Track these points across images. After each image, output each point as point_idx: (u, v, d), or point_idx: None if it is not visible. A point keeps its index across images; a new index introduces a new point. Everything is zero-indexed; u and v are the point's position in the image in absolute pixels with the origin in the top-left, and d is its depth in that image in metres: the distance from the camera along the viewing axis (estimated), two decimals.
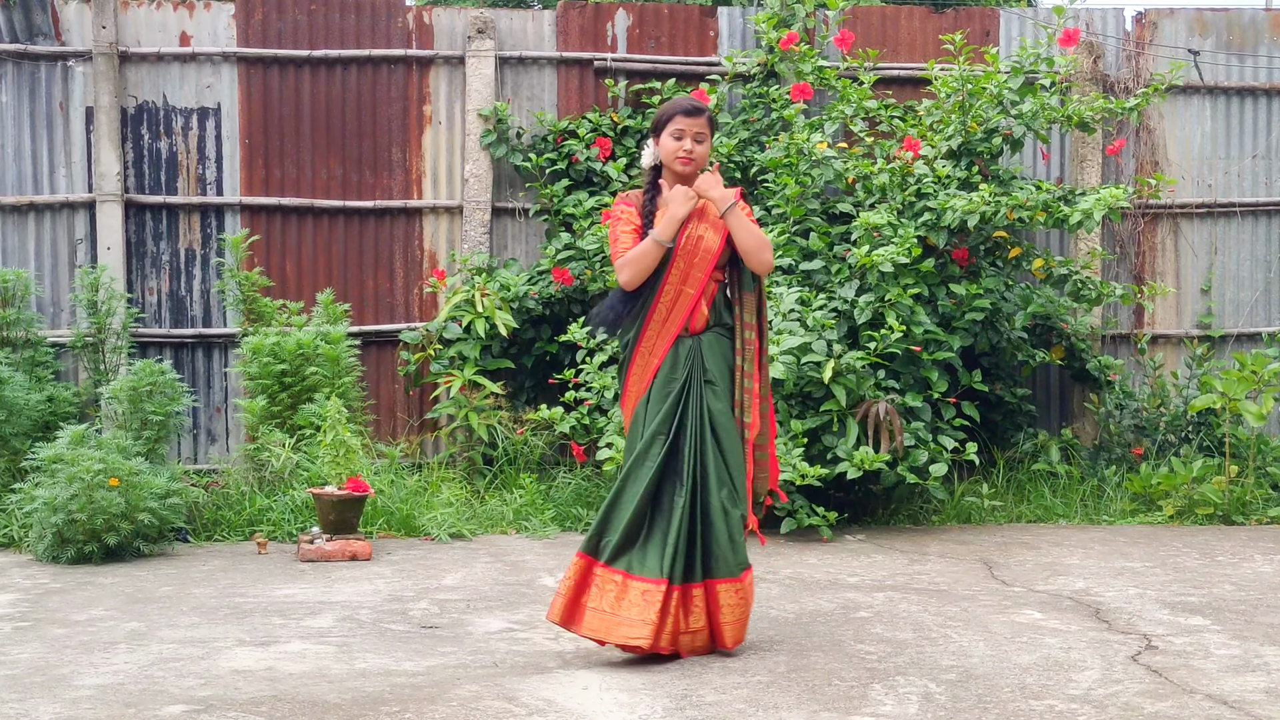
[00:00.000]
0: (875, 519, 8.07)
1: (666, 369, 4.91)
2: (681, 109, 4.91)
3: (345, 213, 8.93)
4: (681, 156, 4.90)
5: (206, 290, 8.82)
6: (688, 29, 9.23)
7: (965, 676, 4.70)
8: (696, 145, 4.91)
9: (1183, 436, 8.90)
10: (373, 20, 8.96)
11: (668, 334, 4.92)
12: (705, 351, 4.93)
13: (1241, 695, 4.48)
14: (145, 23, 8.76)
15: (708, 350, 4.93)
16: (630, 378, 4.99)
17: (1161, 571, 6.65)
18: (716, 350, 4.95)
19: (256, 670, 4.78)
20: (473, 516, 7.81)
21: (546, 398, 8.70)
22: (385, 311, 8.98)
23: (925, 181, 8.05)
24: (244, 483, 7.89)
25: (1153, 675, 4.73)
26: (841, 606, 5.81)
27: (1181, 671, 4.77)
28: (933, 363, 7.87)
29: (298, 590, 6.16)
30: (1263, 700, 4.42)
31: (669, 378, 4.90)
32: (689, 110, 4.90)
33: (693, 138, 4.90)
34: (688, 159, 4.90)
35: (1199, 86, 9.48)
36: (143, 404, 7.61)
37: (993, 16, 9.42)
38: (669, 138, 4.92)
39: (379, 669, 4.80)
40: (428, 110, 9.00)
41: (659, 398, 4.89)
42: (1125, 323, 9.45)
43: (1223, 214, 9.54)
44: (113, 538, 6.75)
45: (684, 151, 4.89)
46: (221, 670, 4.78)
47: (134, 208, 8.73)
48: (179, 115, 8.79)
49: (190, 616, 5.61)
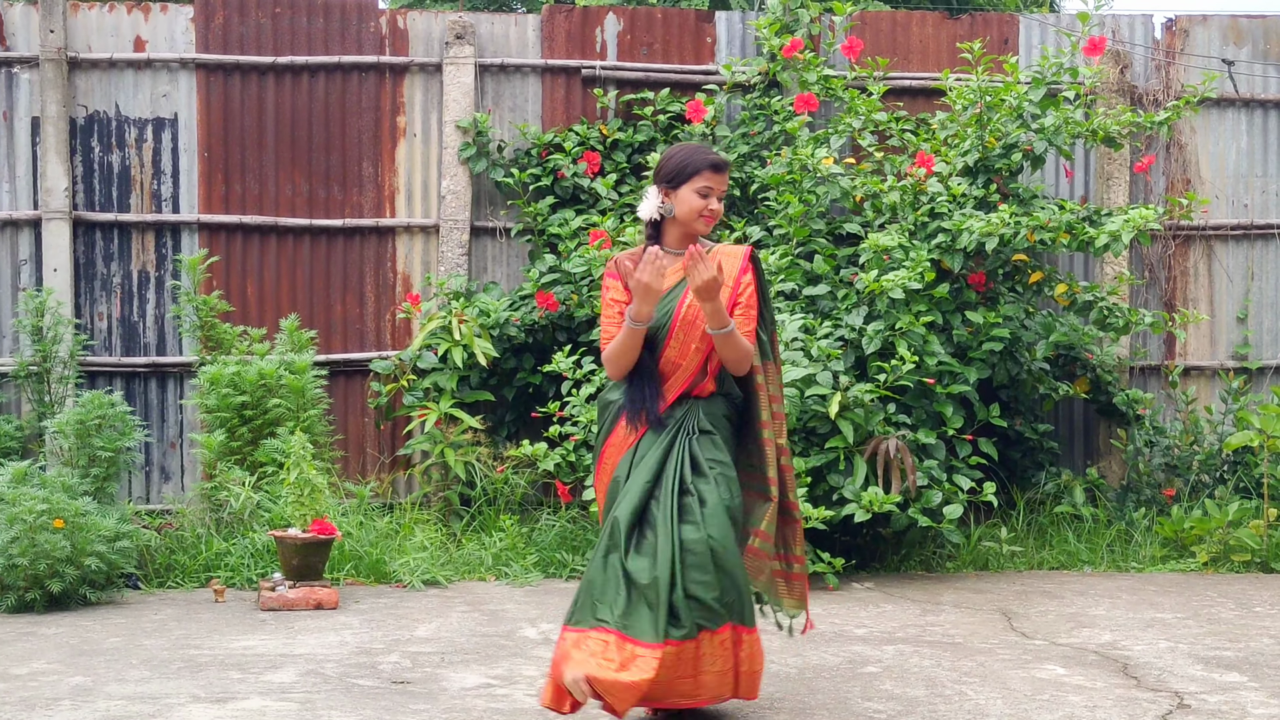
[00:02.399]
0: (885, 565, 8.07)
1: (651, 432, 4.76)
2: (711, 163, 4.76)
3: (312, 232, 8.95)
4: (706, 216, 4.76)
5: (161, 315, 8.83)
6: (683, 35, 9.28)
7: None
8: (720, 204, 4.81)
9: (1217, 477, 8.92)
10: (343, 25, 9.00)
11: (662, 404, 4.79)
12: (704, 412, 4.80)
13: None
14: (96, 27, 8.80)
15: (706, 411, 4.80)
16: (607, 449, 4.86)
17: (1194, 623, 6.65)
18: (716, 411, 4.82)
19: None
20: (448, 561, 7.80)
21: (529, 433, 8.70)
22: (355, 339, 8.99)
23: (939, 200, 8.08)
24: (200, 524, 7.88)
25: None
26: (848, 661, 5.81)
27: None
28: (947, 396, 7.88)
29: (258, 642, 6.14)
30: None
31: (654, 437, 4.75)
32: (717, 166, 4.77)
33: (718, 197, 4.78)
34: (711, 218, 4.78)
35: (1234, 99, 9.54)
36: (91, 438, 7.60)
37: (1012, 23, 9.48)
38: (694, 194, 4.75)
39: None
40: (402, 122, 9.03)
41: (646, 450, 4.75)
42: (1155, 353, 9.47)
43: (1260, 236, 9.58)
44: (57, 584, 6.73)
45: (710, 211, 4.76)
46: None
47: (83, 226, 8.75)
48: (132, 126, 8.81)
49: (140, 670, 5.59)
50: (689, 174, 4.77)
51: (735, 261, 4.86)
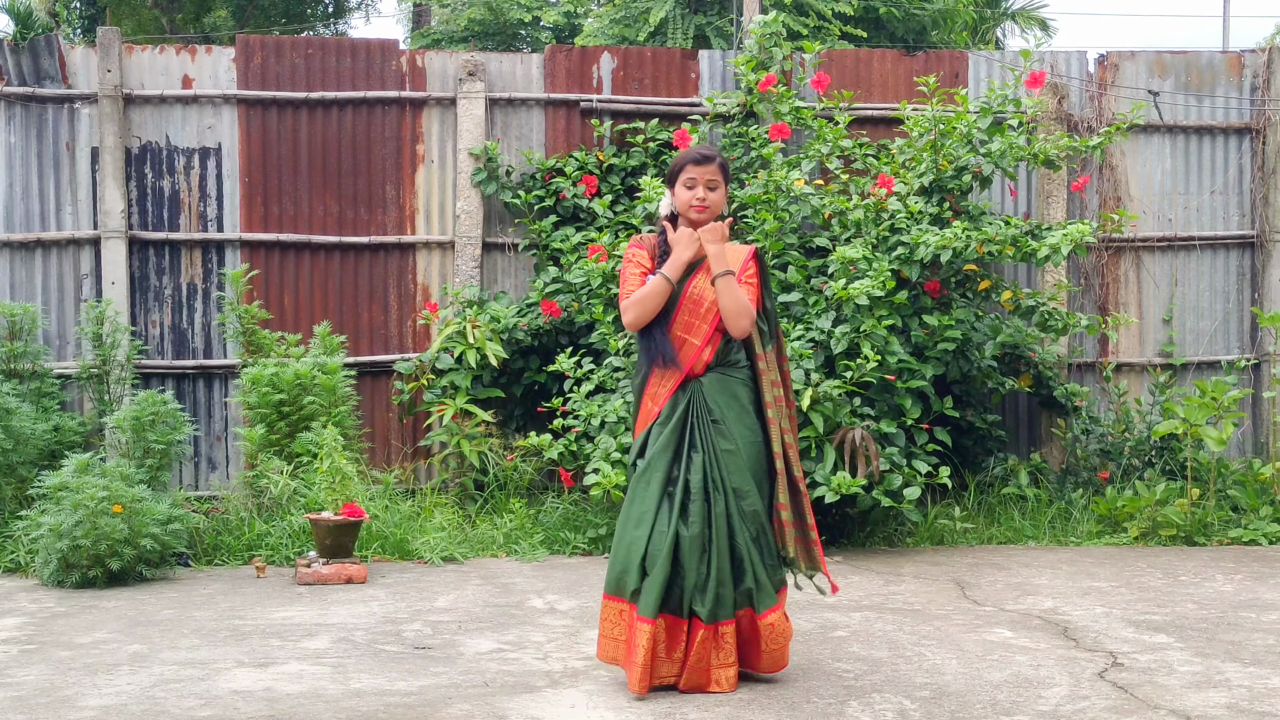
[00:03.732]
0: (852, 541, 8.07)
1: (667, 411, 4.79)
2: (691, 158, 4.81)
3: (341, 248, 8.94)
4: (696, 205, 4.79)
5: (207, 323, 8.81)
6: (670, 71, 9.27)
7: (939, 694, 4.70)
8: (710, 193, 4.79)
9: (1146, 461, 8.93)
10: (368, 64, 8.99)
11: (670, 380, 4.80)
12: (707, 390, 4.78)
13: (1204, 711, 4.49)
14: (149, 66, 8.78)
15: (710, 390, 4.78)
16: (636, 421, 4.90)
17: (1127, 591, 6.66)
18: (720, 389, 4.80)
19: (255, 691, 4.76)
20: (464, 540, 7.80)
21: (535, 425, 8.69)
22: (380, 343, 8.98)
23: (899, 217, 8.09)
24: (243, 509, 7.87)
25: (1119, 691, 4.73)
26: (819, 626, 5.81)
27: (1146, 688, 4.78)
28: (906, 390, 7.89)
29: (295, 613, 6.14)
30: (1224, 715, 4.43)
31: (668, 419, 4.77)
32: (698, 159, 4.80)
33: (705, 185, 4.79)
34: (702, 207, 4.79)
35: (1159, 125, 9.54)
36: (145, 433, 7.59)
37: (962, 59, 9.49)
38: (682, 188, 4.81)
39: (373, 689, 4.79)
40: (421, 149, 9.02)
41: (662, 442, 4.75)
42: (1090, 351, 9.48)
43: (1183, 247, 9.59)
44: (116, 563, 6.72)
45: (697, 200, 4.78)
46: (221, 691, 4.76)
47: (137, 244, 8.73)
48: (181, 155, 8.80)
49: (191, 639, 5.59)
50: (676, 171, 4.86)
51: (740, 252, 4.91)
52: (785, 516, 4.82)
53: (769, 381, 4.87)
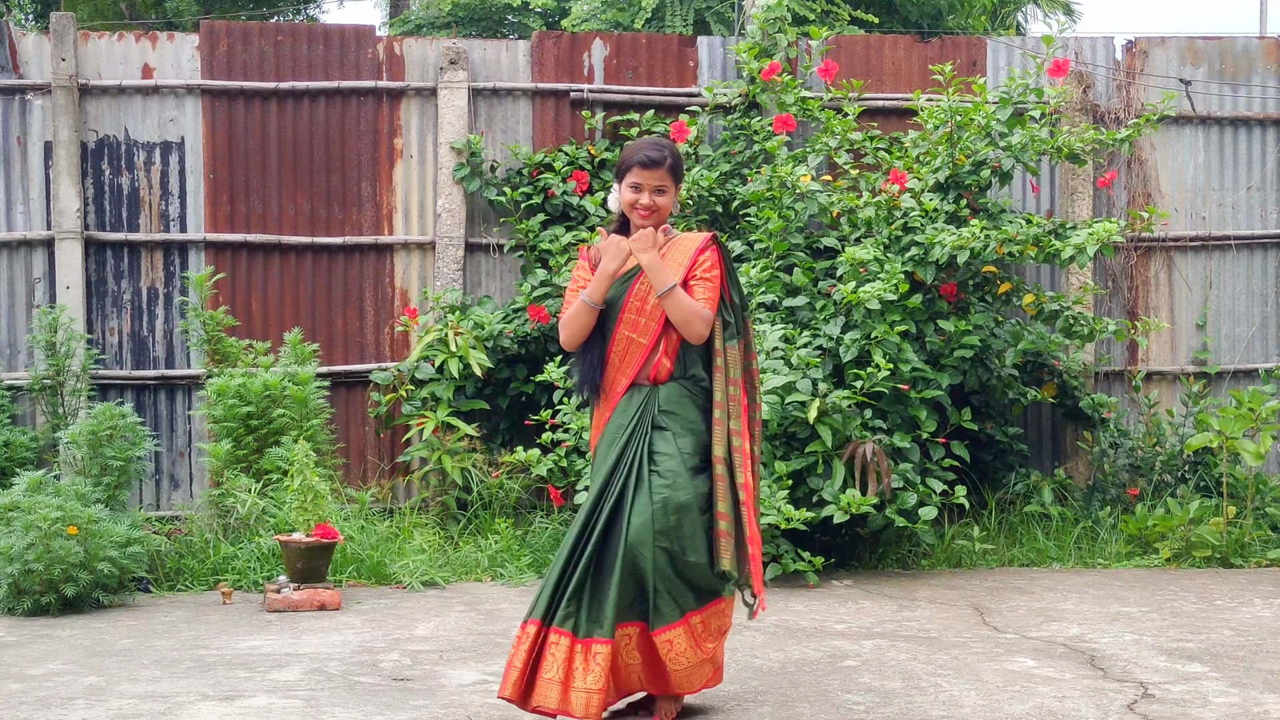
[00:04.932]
0: (863, 564, 8.07)
1: (615, 418, 4.77)
2: (639, 160, 4.72)
3: (313, 249, 8.94)
4: (641, 211, 4.74)
5: (170, 330, 8.81)
6: (666, 59, 9.29)
7: None
8: (657, 197, 4.73)
9: (1179, 476, 8.93)
10: (341, 51, 8.99)
11: (618, 386, 4.78)
12: (662, 400, 4.75)
13: None
14: (106, 55, 8.78)
15: (665, 399, 4.75)
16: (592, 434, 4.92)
17: (1158, 616, 6.66)
18: (678, 399, 4.76)
19: None
20: (446, 563, 7.79)
21: (522, 439, 8.69)
22: (355, 351, 8.98)
23: (912, 215, 8.10)
24: (208, 530, 7.86)
25: None
26: (828, 655, 5.81)
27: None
28: (921, 401, 7.89)
29: (264, 642, 6.13)
30: None
31: (617, 426, 4.76)
32: (645, 162, 4.71)
33: (651, 191, 4.73)
34: (647, 213, 4.74)
35: (1191, 117, 9.57)
36: (103, 449, 7.58)
37: (980, 46, 9.50)
38: (628, 189, 4.76)
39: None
40: (399, 143, 9.03)
41: (604, 450, 4.76)
42: (1119, 359, 9.49)
43: (1217, 247, 9.61)
44: (71, 588, 6.71)
45: (642, 207, 4.73)
46: None
47: (94, 245, 8.73)
48: (141, 150, 8.80)
49: (151, 670, 5.58)
50: (623, 170, 4.79)
51: (693, 243, 4.83)
52: (723, 527, 4.77)
53: (723, 379, 4.79)
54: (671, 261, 4.77)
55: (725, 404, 4.77)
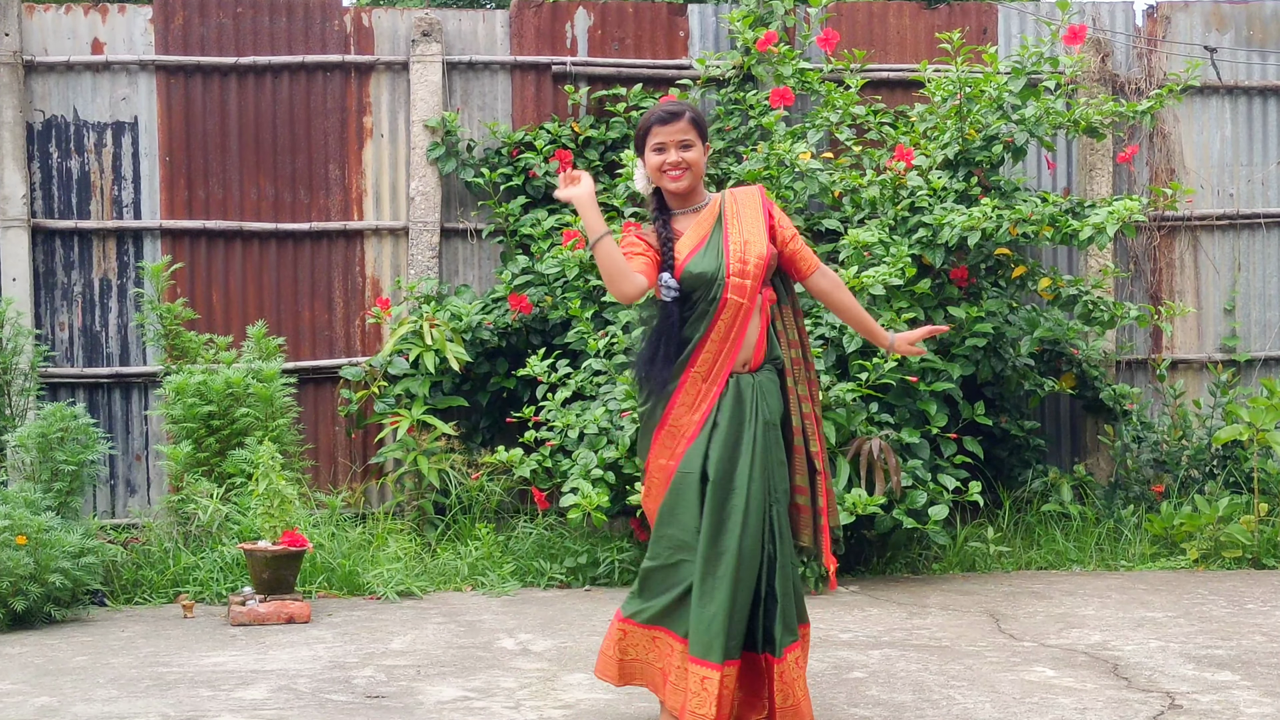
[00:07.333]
0: (869, 568, 8.08)
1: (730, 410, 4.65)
2: (657, 118, 4.71)
3: (278, 236, 8.93)
4: (670, 172, 4.70)
5: (124, 324, 8.80)
6: (655, 29, 9.28)
7: None
8: (684, 153, 4.68)
9: (1207, 472, 8.95)
10: (306, 23, 8.98)
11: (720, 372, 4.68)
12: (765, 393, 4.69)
13: None
14: (53, 29, 8.76)
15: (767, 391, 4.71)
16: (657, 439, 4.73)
17: (1185, 622, 6.68)
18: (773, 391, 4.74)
19: None
20: (423, 572, 7.79)
21: (504, 439, 8.68)
22: (324, 345, 8.97)
23: (919, 194, 8.10)
24: (167, 538, 7.85)
25: None
26: (833, 666, 5.82)
27: None
28: (930, 394, 7.90)
29: (228, 658, 6.13)
30: None
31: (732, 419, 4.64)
32: (664, 118, 4.70)
33: (677, 146, 4.68)
34: (678, 171, 4.70)
35: (1217, 86, 9.58)
36: (53, 452, 7.56)
37: (990, 12, 9.50)
38: (651, 153, 4.72)
39: None
40: (368, 122, 9.02)
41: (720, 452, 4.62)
42: (1142, 347, 9.51)
43: (1246, 226, 9.63)
44: (20, 602, 6.70)
45: (669, 164, 4.69)
46: None
47: (42, 234, 8.71)
48: (91, 131, 8.78)
49: (108, 689, 5.58)
50: (642, 136, 4.78)
51: (754, 197, 4.81)
52: (801, 501, 4.81)
53: (786, 342, 4.84)
54: (749, 218, 4.74)
55: (793, 370, 4.81)
